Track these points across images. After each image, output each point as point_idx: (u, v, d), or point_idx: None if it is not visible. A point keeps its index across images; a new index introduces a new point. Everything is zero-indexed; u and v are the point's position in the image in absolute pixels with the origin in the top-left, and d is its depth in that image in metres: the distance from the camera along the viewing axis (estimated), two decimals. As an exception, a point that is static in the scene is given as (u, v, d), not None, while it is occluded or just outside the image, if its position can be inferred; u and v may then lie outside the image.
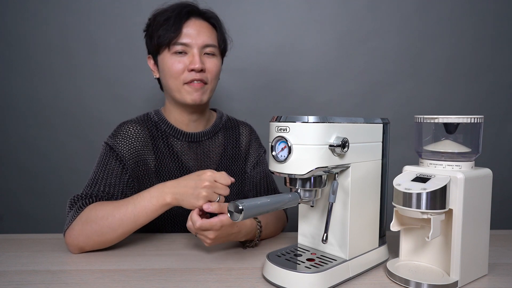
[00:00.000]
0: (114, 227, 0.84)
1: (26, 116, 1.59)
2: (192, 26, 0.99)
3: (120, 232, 0.85)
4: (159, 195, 0.84)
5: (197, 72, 0.98)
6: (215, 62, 1.02)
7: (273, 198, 0.70)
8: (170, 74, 0.99)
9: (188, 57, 0.99)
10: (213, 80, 1.02)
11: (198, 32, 0.99)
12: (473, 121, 0.73)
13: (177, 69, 0.98)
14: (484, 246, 0.77)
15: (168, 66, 0.99)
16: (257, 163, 1.17)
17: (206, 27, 1.01)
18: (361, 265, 0.78)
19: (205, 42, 0.99)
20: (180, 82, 0.99)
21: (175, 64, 0.98)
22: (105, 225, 0.84)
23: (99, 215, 0.85)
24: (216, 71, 1.03)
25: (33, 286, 0.72)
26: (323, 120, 0.68)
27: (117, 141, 0.98)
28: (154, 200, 0.84)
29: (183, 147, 1.06)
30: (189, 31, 0.98)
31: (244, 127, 1.18)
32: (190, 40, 0.98)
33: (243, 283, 0.73)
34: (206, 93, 1.01)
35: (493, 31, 1.61)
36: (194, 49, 0.98)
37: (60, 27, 1.55)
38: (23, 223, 1.62)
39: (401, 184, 0.72)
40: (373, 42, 1.60)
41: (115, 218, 0.84)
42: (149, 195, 0.85)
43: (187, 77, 0.98)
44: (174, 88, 1.00)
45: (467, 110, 1.63)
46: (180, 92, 1.00)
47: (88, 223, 0.85)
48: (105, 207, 0.86)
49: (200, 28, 0.99)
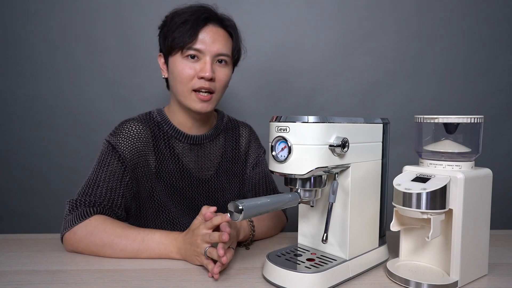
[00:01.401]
0: (115, 251, 0.85)
1: (26, 116, 1.59)
2: (209, 33, 0.97)
3: (120, 255, 0.86)
4: (167, 247, 0.85)
5: (206, 80, 0.96)
6: (226, 72, 1.00)
7: (273, 198, 0.70)
8: (179, 78, 0.97)
9: (199, 63, 0.97)
10: (220, 90, 1.01)
11: (214, 40, 0.97)
12: (473, 121, 0.73)
13: (187, 74, 0.96)
14: (484, 246, 0.77)
15: (178, 70, 0.97)
16: (257, 163, 1.17)
17: (222, 35, 0.99)
18: (361, 265, 0.78)
19: (219, 51, 0.97)
20: (188, 88, 0.97)
21: (186, 69, 0.96)
22: (108, 245, 0.85)
23: (104, 234, 0.86)
24: (225, 81, 1.01)
25: (33, 286, 0.72)
26: (323, 120, 0.68)
27: (119, 139, 0.98)
28: (162, 248, 0.85)
29: (184, 149, 1.05)
30: (204, 37, 0.96)
31: (244, 128, 1.18)
32: (205, 46, 0.96)
33: (243, 283, 0.73)
34: (212, 103, 1.00)
35: (493, 31, 1.61)
36: (207, 56, 0.96)
37: (60, 27, 1.55)
38: (23, 223, 1.62)
39: (401, 184, 0.72)
40: (373, 42, 1.60)
41: (119, 244, 0.85)
42: (159, 239, 0.85)
43: (196, 84, 0.96)
44: (181, 93, 0.99)
45: (467, 110, 1.63)
46: (187, 98, 0.98)
47: (92, 235, 0.86)
48: (113, 228, 0.87)
49: (216, 36, 0.97)
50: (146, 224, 1.05)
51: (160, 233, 0.86)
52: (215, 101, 1.01)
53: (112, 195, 0.93)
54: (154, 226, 1.04)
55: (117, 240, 0.85)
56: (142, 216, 1.04)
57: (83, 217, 0.88)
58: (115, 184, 0.94)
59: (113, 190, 0.94)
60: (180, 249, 0.83)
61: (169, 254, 0.85)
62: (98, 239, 0.85)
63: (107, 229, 0.86)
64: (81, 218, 0.88)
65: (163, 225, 1.05)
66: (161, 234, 0.86)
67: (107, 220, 0.88)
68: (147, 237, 0.85)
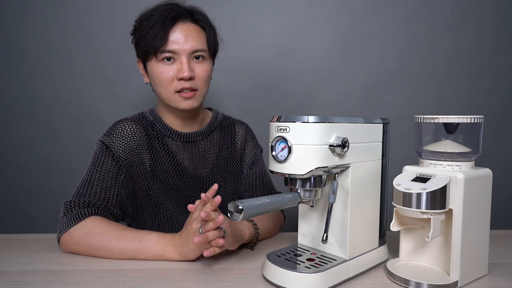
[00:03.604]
0: (112, 253, 0.85)
1: (26, 116, 1.59)
2: (179, 31, 0.94)
3: (117, 257, 0.86)
4: (164, 246, 0.84)
5: (186, 80, 0.95)
6: (204, 67, 0.99)
7: (273, 198, 0.70)
8: (160, 83, 0.97)
9: (176, 64, 0.95)
10: (203, 86, 1.00)
11: (186, 38, 0.94)
12: (473, 121, 0.73)
13: (166, 77, 0.95)
14: (484, 246, 0.77)
15: (157, 75, 0.96)
16: (254, 162, 1.16)
17: (194, 31, 0.97)
18: (361, 265, 0.78)
19: (193, 48, 0.95)
20: (170, 91, 0.97)
21: (164, 73, 0.95)
22: (105, 247, 0.85)
23: (100, 237, 0.85)
24: (206, 76, 1.00)
25: (33, 286, 0.72)
26: (323, 120, 0.68)
27: (113, 139, 0.98)
28: (159, 248, 0.84)
29: (178, 146, 1.05)
30: (176, 37, 0.94)
31: (240, 126, 1.17)
32: (178, 46, 0.94)
33: (243, 283, 0.73)
34: (197, 99, 0.99)
35: (493, 31, 1.61)
36: (182, 56, 0.95)
37: (60, 27, 1.55)
38: (23, 223, 1.62)
39: (401, 184, 0.72)
40: (373, 42, 1.60)
41: (116, 246, 0.84)
42: (156, 239, 0.85)
43: (177, 86, 0.96)
44: (165, 96, 0.98)
45: (467, 110, 1.63)
46: (171, 100, 0.98)
47: (88, 238, 0.85)
48: (109, 230, 0.86)
49: (187, 33, 0.95)
50: (144, 223, 1.05)
51: (157, 234, 0.86)
52: (200, 96, 1.00)
53: (107, 195, 0.93)
54: (151, 225, 1.04)
55: (113, 242, 0.85)
56: (140, 216, 1.04)
57: (78, 219, 0.87)
58: (110, 183, 0.94)
59: (107, 189, 0.93)
60: (177, 247, 0.83)
61: (166, 254, 0.84)
62: (95, 241, 0.85)
63: (103, 231, 0.86)
64: (76, 220, 0.87)
65: (161, 224, 1.05)
66: (158, 235, 0.86)
67: (102, 222, 0.88)
68: (144, 238, 0.85)
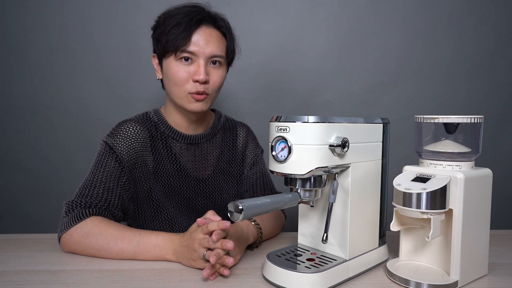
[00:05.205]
0: (111, 253, 0.85)
1: (26, 116, 1.59)
2: (202, 34, 0.95)
3: (116, 258, 0.86)
4: (162, 249, 0.84)
5: (200, 83, 0.96)
6: (220, 73, 1.00)
7: (273, 198, 0.70)
8: (174, 81, 0.97)
9: (193, 66, 0.96)
10: (215, 91, 1.01)
11: (207, 42, 0.96)
12: (473, 121, 0.73)
13: (182, 77, 0.96)
14: (484, 246, 0.77)
15: (173, 73, 0.97)
16: (254, 163, 1.17)
17: (216, 36, 0.98)
18: (361, 265, 0.78)
19: (212, 53, 0.96)
20: (183, 90, 0.97)
21: (180, 72, 0.96)
22: (104, 248, 0.85)
23: (100, 237, 0.85)
24: (220, 83, 1.01)
25: (33, 286, 0.72)
26: (323, 120, 0.68)
27: (117, 140, 0.98)
28: (158, 250, 0.84)
29: (181, 149, 1.05)
30: (198, 39, 0.95)
31: (241, 128, 1.18)
32: (198, 49, 0.95)
33: (243, 283, 0.73)
34: (207, 103, 1.00)
35: (493, 31, 1.61)
36: (201, 59, 0.95)
37: (60, 27, 1.55)
38: (23, 223, 1.62)
39: (401, 184, 0.72)
40: (374, 42, 1.60)
41: (115, 247, 0.85)
42: (155, 241, 0.85)
43: (191, 88, 0.96)
44: (176, 95, 0.99)
45: (467, 110, 1.63)
46: (182, 100, 0.98)
47: (88, 237, 0.86)
48: (109, 231, 0.86)
49: (209, 38, 0.96)
50: (145, 224, 1.05)
51: (156, 235, 0.86)
52: (210, 100, 1.01)
53: (109, 196, 0.93)
54: (152, 226, 1.04)
55: (112, 242, 0.85)
56: (141, 217, 1.04)
57: (79, 219, 0.88)
58: (112, 184, 0.94)
59: (110, 191, 0.94)
60: (176, 252, 0.82)
61: (164, 256, 0.84)
62: (94, 241, 0.85)
63: (102, 231, 0.86)
64: (77, 220, 0.88)
65: (162, 225, 1.05)
66: (157, 236, 0.85)
67: (102, 222, 0.88)
68: (143, 239, 0.85)
